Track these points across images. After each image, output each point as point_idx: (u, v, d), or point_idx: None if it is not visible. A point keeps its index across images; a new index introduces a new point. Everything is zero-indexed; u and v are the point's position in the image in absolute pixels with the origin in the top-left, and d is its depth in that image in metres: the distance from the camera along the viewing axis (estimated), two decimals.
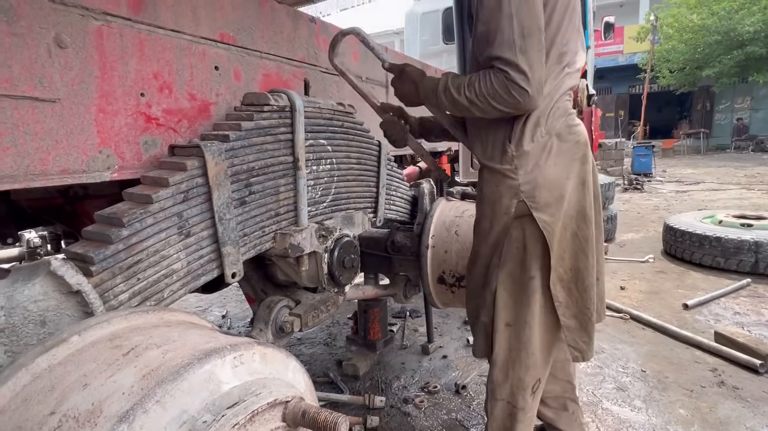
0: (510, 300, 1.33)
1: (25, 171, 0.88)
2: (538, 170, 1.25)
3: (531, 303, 1.30)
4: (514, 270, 1.32)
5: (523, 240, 1.29)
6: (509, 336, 1.34)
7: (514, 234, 1.30)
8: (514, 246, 1.30)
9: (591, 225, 1.30)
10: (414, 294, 2.18)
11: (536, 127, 1.25)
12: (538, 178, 1.25)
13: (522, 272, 1.31)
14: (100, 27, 0.98)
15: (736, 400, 2.16)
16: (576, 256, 1.30)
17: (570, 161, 1.27)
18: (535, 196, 1.25)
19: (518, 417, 1.36)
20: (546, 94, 1.23)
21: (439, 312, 3.23)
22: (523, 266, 1.30)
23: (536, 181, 1.25)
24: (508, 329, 1.34)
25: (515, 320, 1.33)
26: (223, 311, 3.49)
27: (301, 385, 0.82)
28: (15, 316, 0.78)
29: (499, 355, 1.36)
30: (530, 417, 1.40)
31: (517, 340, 1.33)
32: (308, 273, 1.50)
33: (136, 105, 1.07)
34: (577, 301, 1.32)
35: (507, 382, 1.36)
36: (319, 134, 1.47)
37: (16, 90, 0.85)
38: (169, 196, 1.03)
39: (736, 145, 19.21)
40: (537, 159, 1.25)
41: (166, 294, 1.05)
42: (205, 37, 1.22)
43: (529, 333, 1.32)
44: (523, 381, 1.34)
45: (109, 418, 0.56)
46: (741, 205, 7.00)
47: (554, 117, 1.26)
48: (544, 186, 1.25)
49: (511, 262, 1.32)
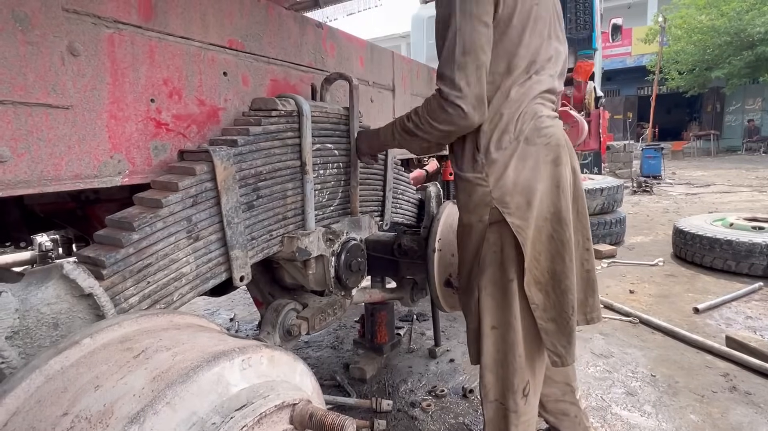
0: (493, 303, 1.34)
1: (39, 176, 0.90)
2: (507, 176, 1.27)
3: (512, 306, 1.31)
4: (494, 273, 1.33)
5: (500, 244, 1.31)
6: (496, 339, 1.35)
7: (491, 239, 1.31)
8: (492, 250, 1.32)
9: (568, 227, 1.30)
10: (421, 297, 2.18)
11: (503, 134, 1.27)
12: (507, 183, 1.26)
13: (501, 275, 1.32)
14: (112, 35, 1.00)
15: (749, 406, 2.12)
16: (552, 259, 1.30)
17: (539, 164, 1.28)
18: (506, 202, 1.26)
19: (511, 420, 1.36)
20: (514, 100, 1.26)
21: (446, 316, 3.22)
22: (502, 269, 1.32)
23: (506, 186, 1.27)
24: (494, 332, 1.35)
25: (500, 323, 1.34)
26: (231, 314, 3.51)
27: (308, 388, 0.82)
28: (29, 319, 0.79)
29: (487, 358, 1.36)
30: (525, 421, 1.38)
31: (504, 342, 1.34)
32: (315, 276, 1.51)
33: (146, 111, 1.08)
34: (554, 304, 1.32)
35: (497, 383, 1.37)
36: (326, 138, 1.48)
37: (30, 97, 0.87)
38: (178, 201, 1.04)
39: (747, 147, 18.98)
40: (506, 165, 1.27)
41: (175, 298, 1.06)
42: (214, 44, 1.23)
43: (513, 335, 1.32)
44: (512, 383, 1.34)
45: (120, 419, 0.57)
46: (752, 208, 6.91)
47: (522, 122, 1.28)
48: (514, 191, 1.26)
49: (491, 267, 1.33)
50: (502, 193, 1.27)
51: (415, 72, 2.34)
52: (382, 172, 1.82)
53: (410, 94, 2.29)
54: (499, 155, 1.27)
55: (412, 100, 2.31)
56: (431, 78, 2.53)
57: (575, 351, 1.36)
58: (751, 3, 15.41)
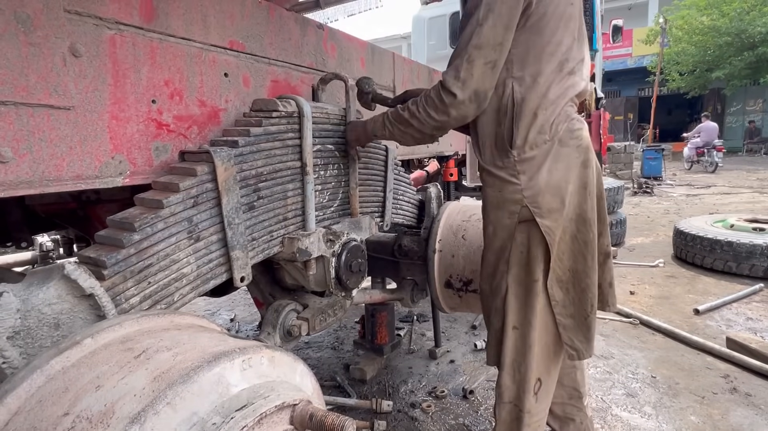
0: (517, 303, 1.34)
1: (41, 177, 0.91)
2: (540, 176, 1.26)
3: (534, 306, 1.32)
4: (519, 273, 1.33)
5: (527, 244, 1.31)
6: (516, 339, 1.35)
7: (518, 238, 1.31)
8: (519, 250, 1.32)
9: (592, 228, 1.31)
10: (421, 298, 2.19)
11: (540, 133, 1.27)
12: (540, 183, 1.26)
13: (526, 275, 1.32)
14: (114, 36, 1.00)
15: (749, 407, 2.12)
16: (575, 258, 1.32)
17: (571, 166, 1.29)
18: (538, 202, 1.26)
19: (524, 421, 1.36)
20: (551, 101, 1.26)
21: (447, 317, 3.22)
22: (527, 269, 1.32)
23: (538, 186, 1.26)
24: (514, 332, 1.35)
25: (521, 323, 1.35)
26: (231, 314, 3.51)
27: (308, 389, 0.82)
28: (30, 319, 0.80)
29: (507, 358, 1.36)
30: (537, 421, 1.39)
31: (523, 342, 1.34)
32: (316, 277, 1.51)
33: (147, 111, 1.09)
34: (574, 301, 1.33)
35: (513, 385, 1.37)
36: (326, 139, 1.49)
37: (32, 98, 0.88)
38: (179, 201, 1.04)
39: (748, 148, 18.94)
40: (539, 165, 1.27)
41: (176, 298, 1.06)
42: (215, 45, 1.24)
43: (533, 334, 1.33)
44: (527, 383, 1.35)
45: (121, 419, 0.58)
46: (753, 209, 6.90)
47: (557, 123, 1.28)
48: (546, 191, 1.26)
49: (516, 266, 1.33)
50: (534, 192, 1.26)
51: (416, 73, 2.35)
52: (382, 173, 1.82)
53: None
54: (533, 154, 1.27)
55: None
56: (432, 79, 2.53)
57: (593, 347, 1.37)
58: (752, 3, 15.40)
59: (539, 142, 1.27)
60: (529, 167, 1.27)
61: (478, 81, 1.20)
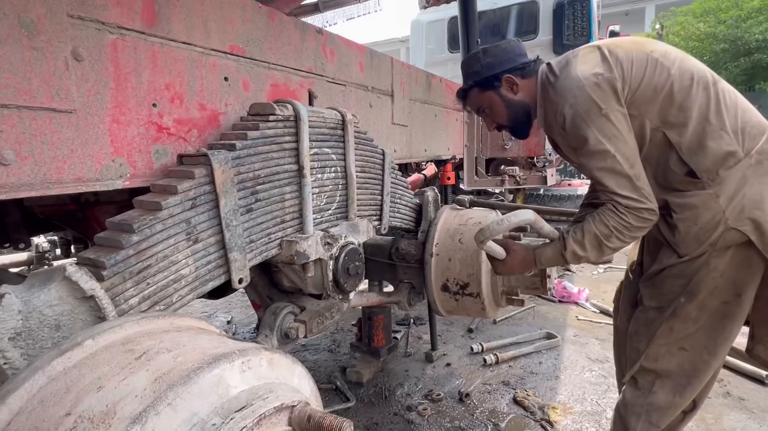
0: (693, 327, 1.33)
1: (42, 179, 0.91)
2: (744, 192, 1.25)
3: (715, 329, 1.33)
4: (703, 299, 1.31)
5: (721, 269, 1.28)
6: (682, 361, 1.37)
7: (717, 266, 1.28)
8: (711, 276, 1.29)
9: None
10: (418, 301, 2.20)
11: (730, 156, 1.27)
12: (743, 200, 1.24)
13: (712, 299, 1.30)
14: (115, 40, 1.01)
15: (742, 411, 2.14)
16: None
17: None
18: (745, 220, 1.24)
19: None
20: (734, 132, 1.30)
21: (443, 320, 3.23)
22: (715, 293, 1.30)
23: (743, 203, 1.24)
24: (681, 353, 1.36)
25: (692, 346, 1.35)
26: (228, 317, 3.51)
27: (306, 390, 0.83)
28: (31, 320, 0.80)
29: (669, 379, 1.38)
30: None
31: (693, 367, 1.37)
32: (313, 280, 1.52)
33: (148, 115, 1.10)
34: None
35: (671, 408, 1.41)
36: (323, 143, 1.50)
37: (34, 101, 0.89)
38: (177, 203, 1.05)
39: None
40: (740, 182, 1.25)
41: (174, 299, 1.07)
42: (216, 49, 1.25)
43: (708, 359, 1.36)
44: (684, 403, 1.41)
45: (122, 420, 0.58)
46: None
47: (749, 138, 1.30)
48: (754, 207, 1.24)
49: (702, 293, 1.30)
50: (743, 211, 1.24)
51: (414, 77, 2.36)
52: (380, 177, 1.83)
53: (409, 100, 2.31)
54: (728, 174, 1.25)
55: (411, 105, 2.33)
56: (429, 83, 2.55)
57: None
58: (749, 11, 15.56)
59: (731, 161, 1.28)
60: (727, 185, 1.27)
61: (649, 185, 1.28)
